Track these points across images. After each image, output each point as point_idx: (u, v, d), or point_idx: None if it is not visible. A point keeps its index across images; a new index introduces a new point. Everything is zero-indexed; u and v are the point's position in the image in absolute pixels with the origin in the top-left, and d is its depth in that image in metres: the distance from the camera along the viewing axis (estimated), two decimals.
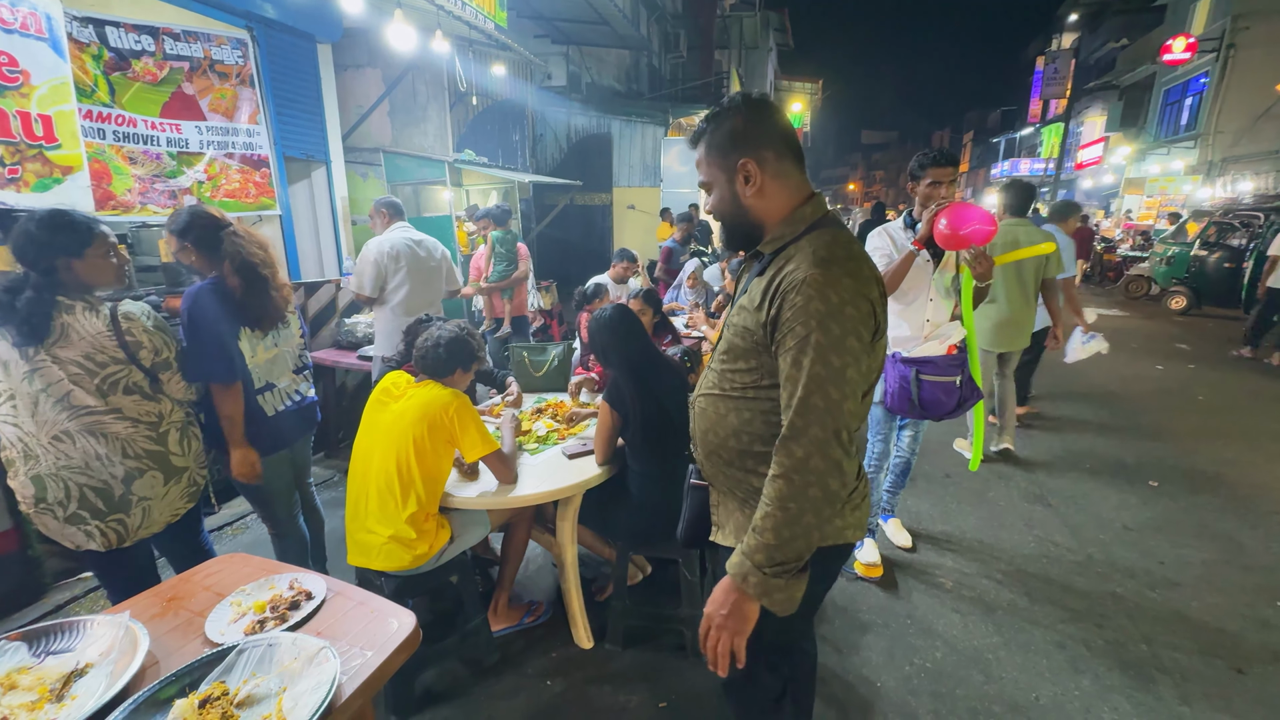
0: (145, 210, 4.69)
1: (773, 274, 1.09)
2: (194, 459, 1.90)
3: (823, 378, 0.99)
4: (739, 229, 1.19)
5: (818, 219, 1.13)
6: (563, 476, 2.07)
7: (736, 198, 1.16)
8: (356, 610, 1.34)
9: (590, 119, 9.76)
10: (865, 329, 1.03)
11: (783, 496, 1.02)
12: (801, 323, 1.01)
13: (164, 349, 1.82)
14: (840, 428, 1.01)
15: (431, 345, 1.98)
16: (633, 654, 2.21)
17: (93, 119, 4.26)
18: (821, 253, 1.05)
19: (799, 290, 1.02)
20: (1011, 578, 2.66)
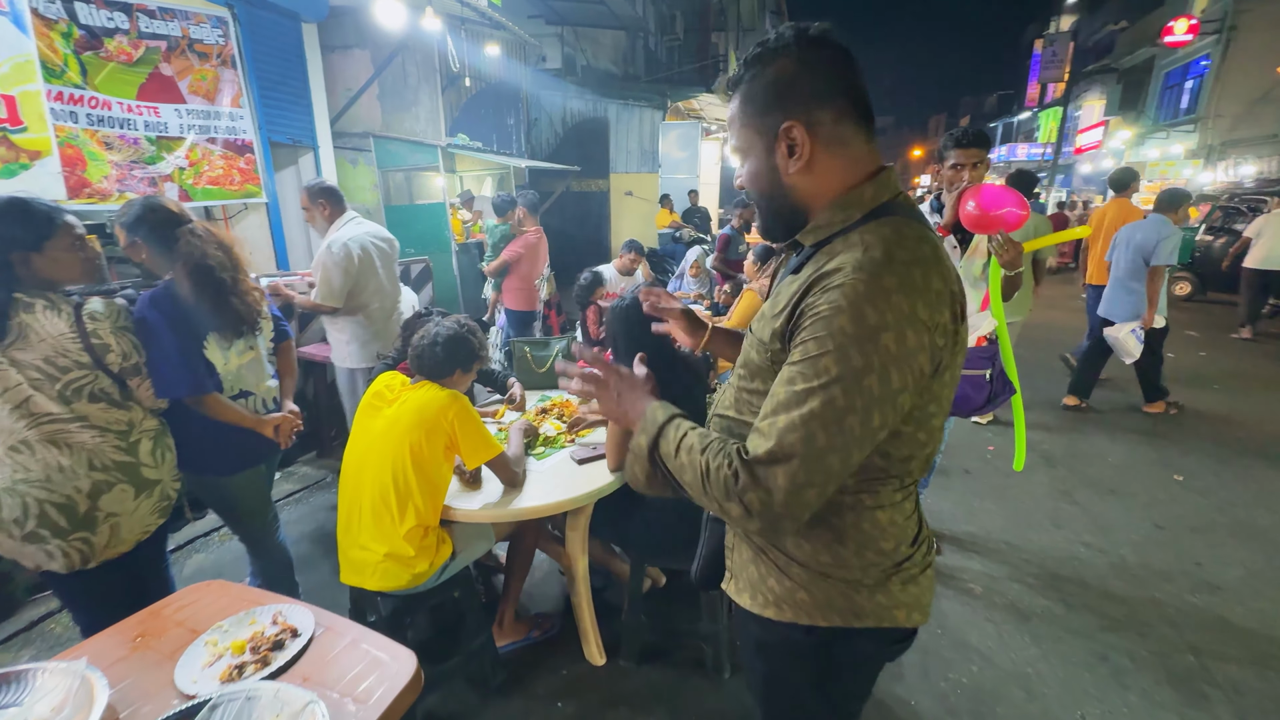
0: (123, 199, 4.45)
1: (809, 272, 0.81)
2: (168, 471, 1.73)
3: (814, 415, 0.74)
4: (777, 214, 0.91)
5: (882, 203, 0.84)
6: (572, 485, 1.91)
7: (775, 173, 0.87)
8: (349, 651, 1.18)
9: (586, 102, 9.50)
10: (904, 370, 0.75)
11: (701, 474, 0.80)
12: (816, 339, 0.75)
13: (134, 353, 1.64)
14: (809, 484, 0.75)
15: (428, 344, 1.81)
16: (648, 672, 2.07)
17: (64, 101, 4.01)
18: (875, 251, 0.76)
19: (828, 297, 0.76)
20: (1044, 582, 2.53)
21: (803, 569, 0.92)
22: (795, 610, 0.93)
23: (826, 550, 0.90)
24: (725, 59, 14.14)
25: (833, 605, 0.91)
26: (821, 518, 0.88)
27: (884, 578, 0.90)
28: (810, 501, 0.76)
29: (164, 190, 4.70)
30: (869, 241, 0.78)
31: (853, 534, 0.88)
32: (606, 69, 10.93)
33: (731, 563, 1.04)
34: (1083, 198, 16.52)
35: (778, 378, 0.80)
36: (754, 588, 0.98)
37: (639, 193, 9.32)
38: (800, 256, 0.90)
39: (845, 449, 0.75)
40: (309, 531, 3.00)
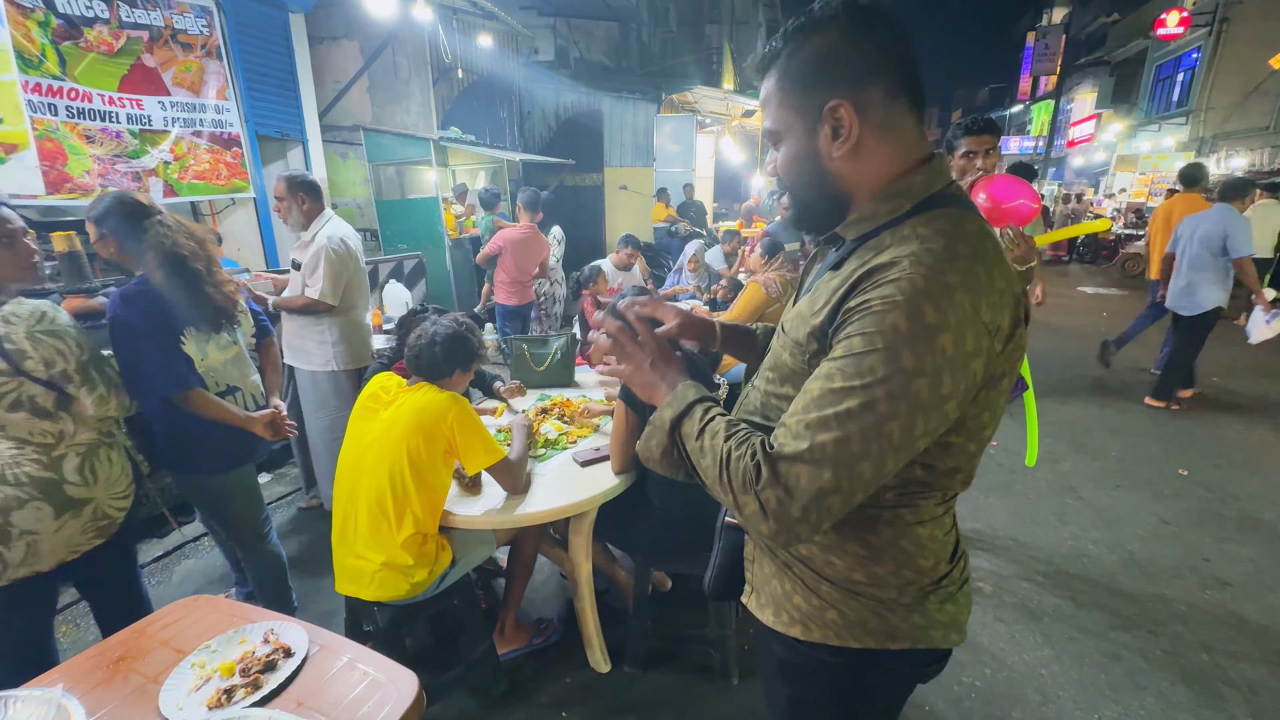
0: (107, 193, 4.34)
1: (853, 268, 0.74)
2: (105, 489, 1.57)
3: (852, 416, 0.67)
4: (815, 204, 0.82)
5: (934, 193, 0.77)
6: (576, 488, 1.85)
7: (816, 158, 0.78)
8: (346, 672, 1.11)
9: (580, 95, 9.38)
10: (957, 376, 0.68)
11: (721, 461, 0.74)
12: (864, 335, 0.68)
13: (58, 359, 1.48)
14: (835, 491, 0.68)
15: (426, 343, 1.73)
16: (654, 678, 2.01)
17: (42, 92, 3.88)
18: (934, 245, 0.70)
19: (881, 292, 0.68)
20: (1053, 580, 2.49)
21: (833, 587, 0.85)
22: (824, 630, 0.86)
23: (860, 568, 0.83)
24: (719, 51, 14.04)
25: (865, 626, 0.84)
26: (856, 534, 0.82)
27: (921, 596, 0.84)
28: (833, 510, 0.69)
29: (148, 185, 4.59)
30: (925, 234, 0.71)
31: (890, 551, 0.82)
32: (600, 61, 10.81)
33: (752, 576, 0.97)
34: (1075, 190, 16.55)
35: (815, 373, 0.73)
36: (778, 604, 0.91)
37: (634, 186, 9.22)
38: (841, 251, 0.82)
39: (880, 456, 0.68)
40: (300, 537, 2.92)
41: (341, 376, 2.80)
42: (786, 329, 0.85)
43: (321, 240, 2.59)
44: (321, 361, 2.77)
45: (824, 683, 0.92)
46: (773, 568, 0.92)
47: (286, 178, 2.65)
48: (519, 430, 1.98)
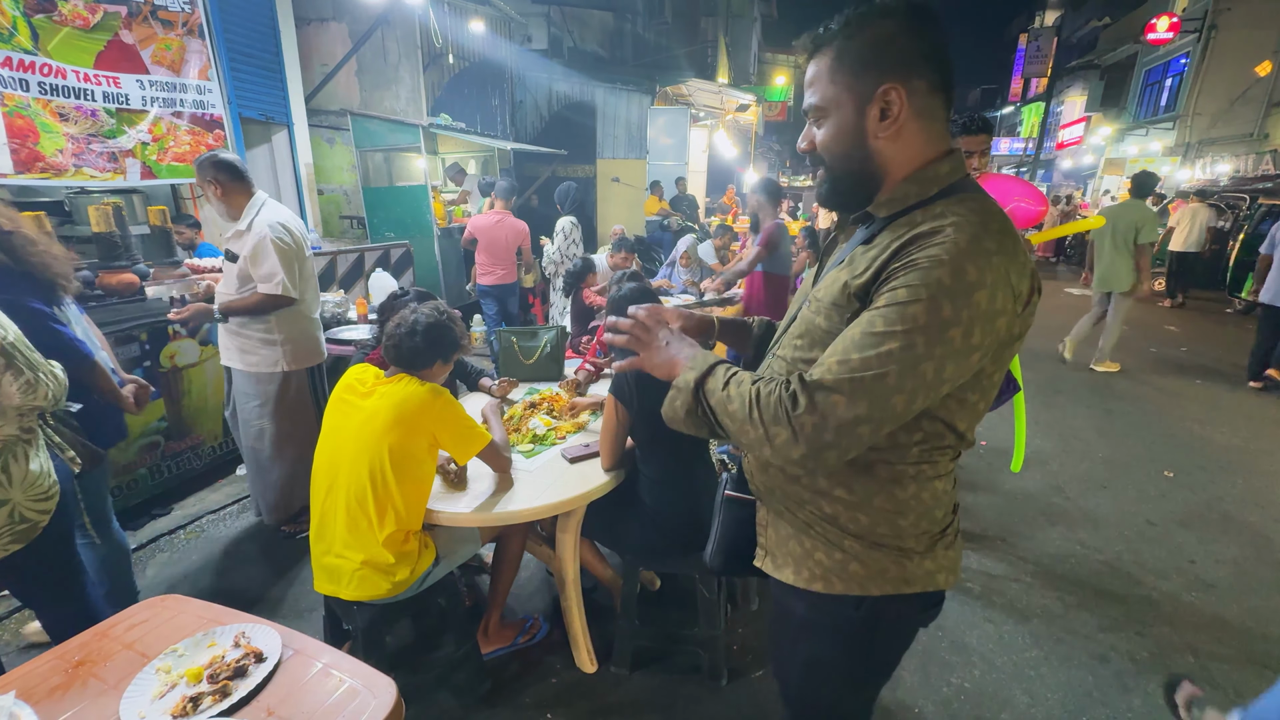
0: (81, 174, 4.21)
1: (891, 239, 0.83)
2: (22, 489, 1.43)
3: (891, 355, 0.76)
4: (852, 179, 0.89)
5: (954, 182, 0.86)
6: (564, 486, 1.80)
7: (862, 136, 0.86)
8: (320, 678, 1.06)
9: (573, 85, 9.26)
10: (986, 329, 0.77)
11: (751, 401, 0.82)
12: (909, 287, 0.76)
13: None
14: (868, 419, 0.77)
15: (406, 332, 1.66)
16: (642, 679, 1.98)
17: (12, 67, 3.75)
18: (971, 218, 0.79)
19: (928, 252, 0.77)
20: (1041, 580, 2.49)
21: (856, 541, 0.93)
22: (846, 582, 0.94)
23: (886, 522, 0.91)
24: (714, 44, 13.95)
25: (885, 574, 0.92)
26: (884, 489, 0.90)
27: (932, 544, 0.94)
28: (862, 438, 0.78)
29: (126, 166, 4.45)
30: (960, 211, 0.81)
31: (914, 505, 0.91)
32: (594, 51, 10.69)
33: (766, 540, 1.05)
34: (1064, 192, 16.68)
35: (853, 322, 0.81)
36: (798, 563, 0.98)
37: (626, 179, 9.14)
38: (872, 228, 0.91)
39: (912, 393, 0.77)
40: (273, 535, 2.85)
41: (292, 377, 2.60)
42: (818, 296, 0.92)
43: (261, 229, 2.36)
44: (269, 362, 2.54)
45: (843, 635, 0.99)
46: (790, 529, 0.99)
47: (198, 161, 2.38)
48: (493, 416, 1.98)
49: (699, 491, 1.86)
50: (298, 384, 2.64)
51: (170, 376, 2.96)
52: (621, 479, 1.88)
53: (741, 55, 18.37)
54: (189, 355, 3.03)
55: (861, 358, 0.77)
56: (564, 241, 5.03)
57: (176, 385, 3.00)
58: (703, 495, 1.88)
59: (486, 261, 4.72)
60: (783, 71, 22.94)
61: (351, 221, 6.64)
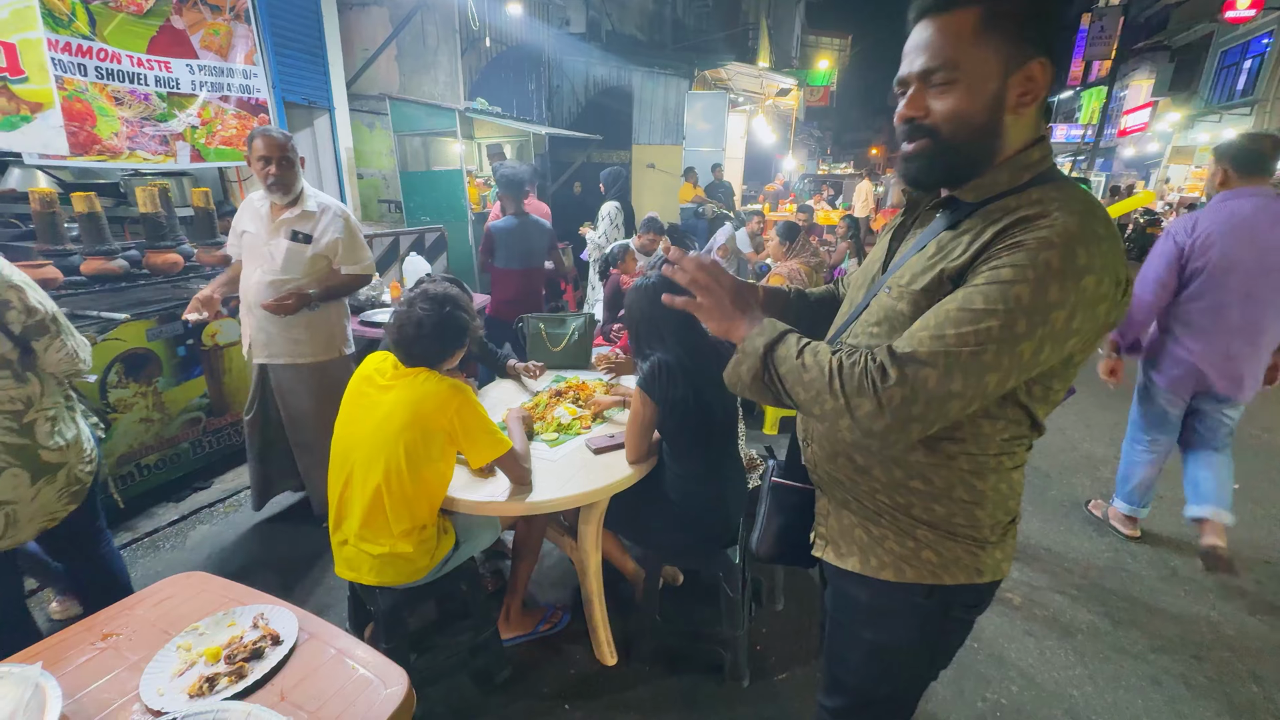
0: (134, 156, 4.33)
1: (982, 224, 0.81)
2: (75, 453, 1.54)
3: (990, 334, 0.74)
4: (967, 154, 0.83)
5: (1046, 169, 0.84)
6: (587, 478, 1.76)
7: (999, 109, 0.80)
8: (333, 664, 1.05)
9: (610, 70, 9.14)
10: (1088, 314, 0.76)
11: (831, 371, 0.81)
12: (1015, 267, 0.74)
13: (39, 307, 1.44)
14: (958, 395, 0.76)
15: (414, 330, 1.57)
16: (662, 675, 1.94)
17: (72, 52, 3.86)
18: (1077, 204, 0.77)
19: (1037, 234, 0.75)
20: (1087, 594, 2.35)
21: (930, 530, 0.92)
22: (919, 570, 0.93)
23: (963, 513, 0.90)
24: (756, 27, 13.60)
25: (960, 563, 0.92)
26: (964, 481, 0.89)
27: (1004, 534, 0.94)
28: (950, 414, 0.77)
29: (176, 149, 4.58)
30: (1062, 197, 0.78)
31: (993, 496, 0.90)
32: (632, 35, 10.53)
33: (827, 529, 1.04)
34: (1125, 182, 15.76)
35: (949, 297, 0.79)
36: (865, 550, 0.97)
37: (662, 165, 9.00)
38: (958, 214, 0.87)
39: (1007, 372, 0.76)
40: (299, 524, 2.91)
41: (348, 362, 2.56)
42: (904, 283, 0.88)
43: (338, 208, 2.38)
44: (327, 348, 2.48)
45: (912, 624, 0.98)
46: (855, 517, 0.98)
47: (284, 134, 2.28)
48: (515, 423, 1.89)
49: (726, 489, 1.80)
50: (349, 365, 2.57)
51: (211, 354, 3.05)
52: (647, 473, 1.84)
53: (784, 38, 17.86)
54: (230, 334, 3.10)
55: (958, 333, 0.75)
56: (609, 226, 5.01)
57: (218, 363, 3.09)
58: (730, 493, 1.82)
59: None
60: (826, 55, 22.27)
61: (389, 205, 6.73)
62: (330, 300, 2.43)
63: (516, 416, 1.95)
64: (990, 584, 0.95)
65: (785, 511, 1.13)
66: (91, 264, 2.71)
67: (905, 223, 1.01)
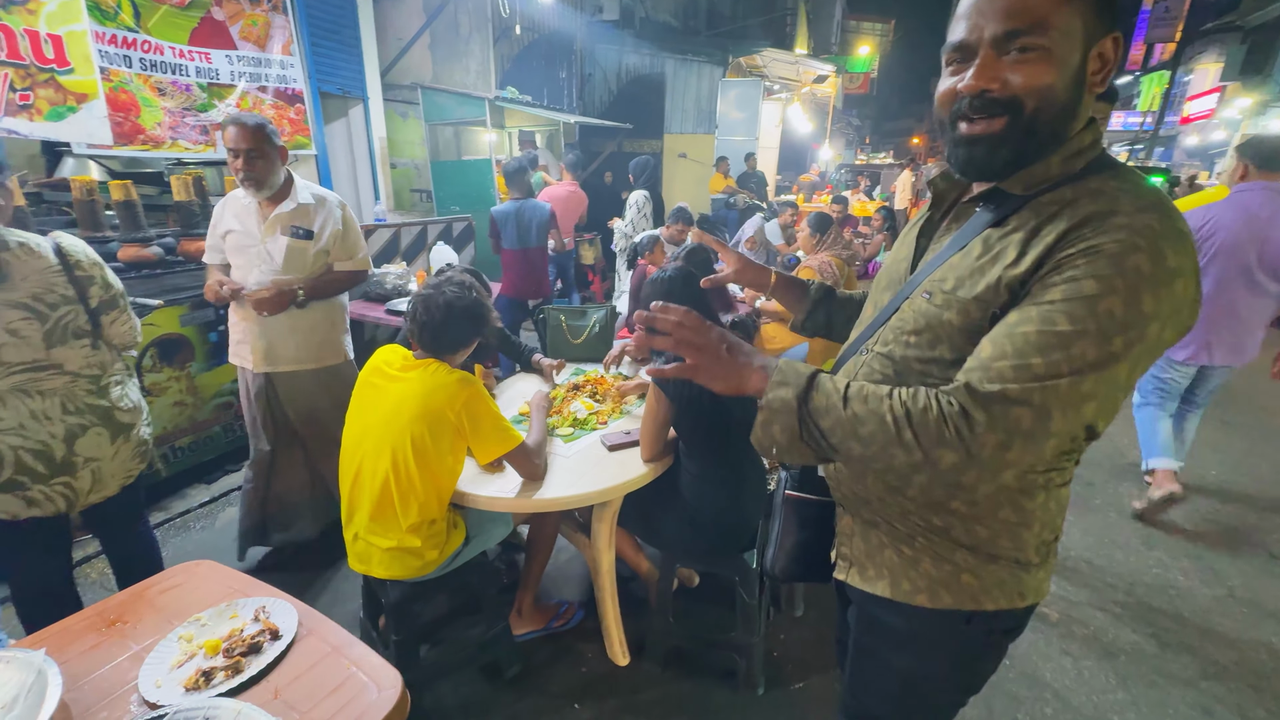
0: (176, 146, 4.44)
1: (1037, 221, 0.72)
2: (140, 415, 1.69)
3: (1086, 360, 0.65)
4: (1040, 137, 0.73)
5: (1097, 155, 0.75)
6: (600, 475, 1.72)
7: (1080, 85, 0.72)
8: (329, 662, 1.03)
9: (643, 58, 9.02)
10: (1174, 322, 0.67)
11: (897, 420, 0.70)
12: (1099, 278, 0.65)
13: (114, 284, 1.60)
14: (1056, 434, 0.66)
15: (430, 316, 1.56)
16: (674, 679, 1.90)
17: (118, 44, 3.97)
18: (1148, 197, 0.68)
19: (1115, 235, 0.65)
20: (1133, 613, 2.21)
21: (970, 553, 0.84)
22: (957, 595, 0.85)
23: (1009, 535, 0.82)
24: (794, 13, 13.23)
25: (1002, 587, 0.84)
26: (1012, 501, 0.81)
27: (1048, 554, 0.87)
28: (1044, 455, 0.68)
29: (215, 139, 4.69)
30: (1127, 188, 0.69)
31: (1040, 515, 0.82)
32: (665, 21, 10.36)
33: (851, 550, 0.95)
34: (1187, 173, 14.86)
35: (1020, 317, 0.69)
36: (897, 574, 0.89)
37: (693, 155, 8.87)
38: (1004, 208, 0.77)
39: (1105, 399, 0.67)
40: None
41: (356, 366, 2.30)
42: (947, 289, 0.78)
43: (333, 199, 2.21)
44: (336, 351, 2.32)
45: (948, 652, 0.91)
46: (886, 538, 0.90)
47: (256, 122, 2.02)
48: (537, 411, 1.86)
49: (745, 491, 1.74)
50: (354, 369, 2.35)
51: None
52: (662, 472, 1.78)
53: (823, 23, 17.36)
54: None
55: (1047, 362, 0.65)
56: (636, 215, 4.98)
57: None
58: (749, 496, 1.75)
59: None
60: (867, 40, 21.60)
61: (421, 195, 6.79)
62: (320, 298, 2.19)
63: (539, 405, 1.91)
64: (1031, 607, 0.88)
65: (803, 527, 1.04)
66: (128, 251, 2.78)
67: (934, 217, 0.91)
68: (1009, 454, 0.67)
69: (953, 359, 0.78)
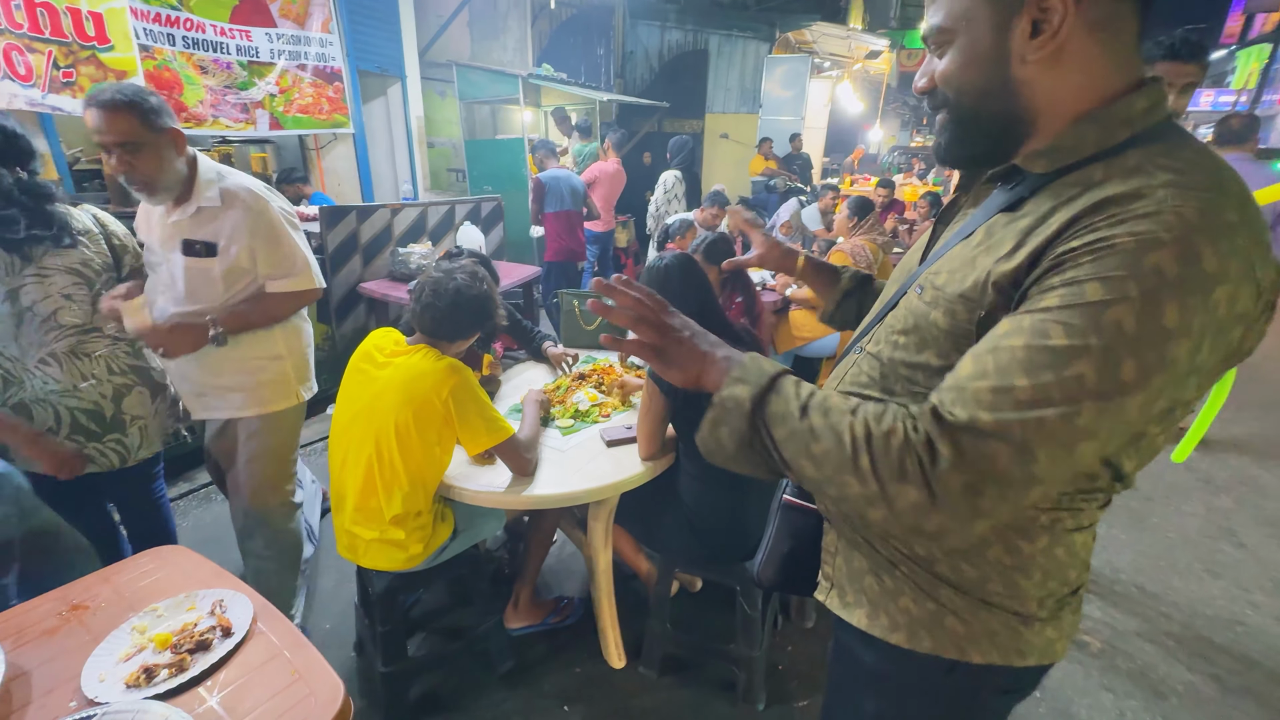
0: (217, 124, 4.54)
1: (1052, 204, 0.59)
2: (167, 375, 1.76)
3: (1084, 386, 0.51)
4: (985, 124, 0.65)
5: (1155, 125, 0.59)
6: (595, 472, 1.62)
7: (1003, 61, 0.61)
8: (275, 667, 0.98)
9: (686, 33, 8.73)
10: (1217, 344, 0.52)
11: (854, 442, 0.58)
12: (1104, 281, 0.51)
13: (138, 253, 1.69)
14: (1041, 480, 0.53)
15: (434, 298, 1.50)
16: (671, 685, 1.81)
17: (161, 23, 4.04)
18: (1197, 176, 0.53)
19: (1132, 226, 0.52)
20: (1189, 648, 1.99)
21: (957, 593, 0.71)
22: (937, 639, 0.73)
23: (1002, 579, 0.70)
24: None
25: (994, 640, 0.71)
26: (1005, 541, 0.68)
27: (1059, 608, 0.72)
28: (1029, 501, 0.56)
29: (255, 117, 4.76)
30: (1173, 164, 0.54)
31: (1041, 561, 0.69)
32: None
33: (833, 570, 0.84)
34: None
35: (1009, 327, 0.56)
36: (875, 604, 0.78)
37: (735, 135, 8.58)
38: (1020, 189, 0.65)
39: (1108, 437, 0.53)
40: None
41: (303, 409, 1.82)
42: (938, 284, 0.67)
43: (241, 194, 1.55)
44: (282, 392, 1.73)
45: (927, 703, 0.79)
46: (867, 562, 0.79)
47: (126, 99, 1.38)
48: (530, 406, 1.77)
49: (747, 495, 1.61)
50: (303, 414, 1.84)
51: None
52: (661, 471, 1.67)
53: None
54: None
55: (1034, 385, 0.52)
56: (663, 195, 4.87)
57: None
58: (751, 500, 1.63)
59: (600, 208, 4.88)
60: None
61: (457, 175, 6.79)
62: (249, 330, 1.63)
63: (534, 400, 1.83)
64: (1038, 668, 0.75)
65: (794, 537, 0.94)
66: None
67: (958, 199, 0.79)
68: (980, 500, 0.54)
69: (939, 366, 0.66)
